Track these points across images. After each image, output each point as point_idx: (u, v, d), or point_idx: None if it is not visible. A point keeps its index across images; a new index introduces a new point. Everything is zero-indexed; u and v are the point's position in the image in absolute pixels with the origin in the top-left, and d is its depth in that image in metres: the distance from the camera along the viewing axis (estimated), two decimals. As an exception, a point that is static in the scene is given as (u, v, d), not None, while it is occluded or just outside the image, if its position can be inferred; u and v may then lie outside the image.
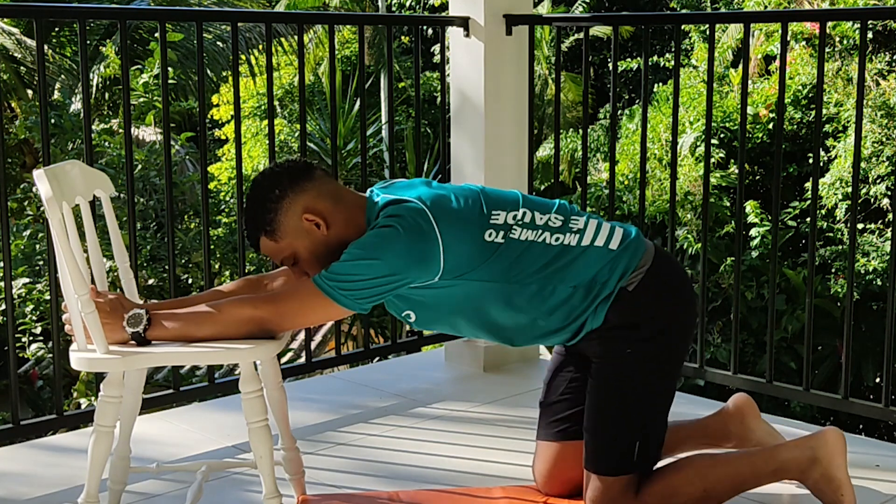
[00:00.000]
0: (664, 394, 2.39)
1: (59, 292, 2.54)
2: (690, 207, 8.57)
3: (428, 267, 2.21)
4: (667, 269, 2.39)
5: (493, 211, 2.31)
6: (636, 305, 2.30)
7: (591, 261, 2.30)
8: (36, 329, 7.22)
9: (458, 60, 3.74)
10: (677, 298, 2.39)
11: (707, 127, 3.38)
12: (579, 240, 2.32)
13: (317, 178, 2.31)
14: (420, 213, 2.22)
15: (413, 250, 2.19)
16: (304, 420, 3.19)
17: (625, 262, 2.32)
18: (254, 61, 11.92)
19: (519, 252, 2.28)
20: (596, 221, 2.37)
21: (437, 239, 2.20)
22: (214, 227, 9.02)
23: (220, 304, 2.22)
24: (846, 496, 2.37)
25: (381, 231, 2.21)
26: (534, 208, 2.35)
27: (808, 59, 8.82)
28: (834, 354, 8.04)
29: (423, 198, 2.27)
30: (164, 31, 3.17)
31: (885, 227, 8.25)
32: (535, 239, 2.30)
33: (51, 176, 2.10)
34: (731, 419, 2.64)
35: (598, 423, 2.36)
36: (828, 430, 2.40)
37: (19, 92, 10.80)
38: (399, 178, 2.53)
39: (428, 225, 2.21)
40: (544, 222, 2.33)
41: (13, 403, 2.91)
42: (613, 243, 2.33)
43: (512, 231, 2.29)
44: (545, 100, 14.39)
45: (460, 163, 3.77)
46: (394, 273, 2.19)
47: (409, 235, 2.19)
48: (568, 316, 2.32)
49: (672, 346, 2.37)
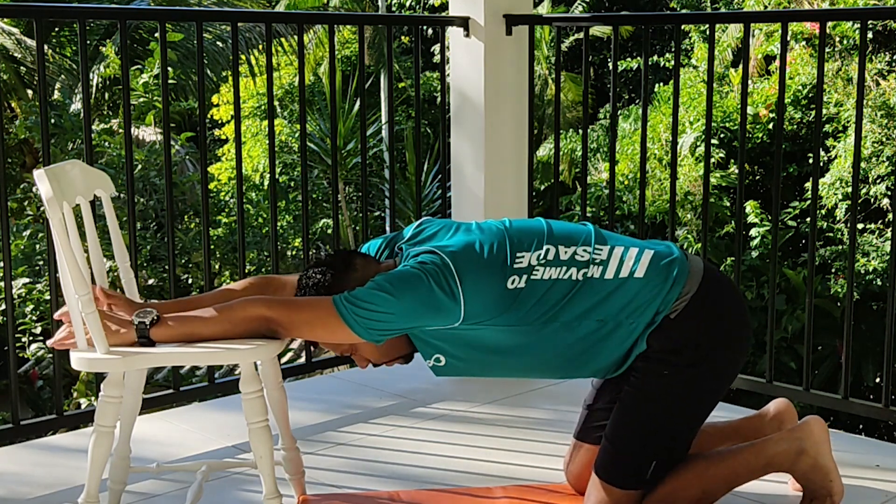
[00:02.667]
0: (696, 418, 2.38)
1: (59, 292, 2.54)
2: (690, 207, 8.57)
3: (445, 315, 2.22)
4: (715, 295, 2.33)
5: (518, 254, 2.28)
6: (678, 333, 2.28)
7: (619, 294, 2.28)
8: (36, 329, 7.22)
9: (458, 60, 3.74)
10: (722, 326, 2.34)
11: (707, 127, 3.38)
12: (603, 272, 2.29)
13: (357, 266, 2.32)
14: (445, 267, 2.22)
15: (431, 299, 2.20)
16: (304, 420, 3.18)
17: (662, 292, 2.28)
18: (254, 61, 11.92)
19: (542, 292, 2.26)
20: (621, 248, 2.32)
21: (459, 294, 2.20)
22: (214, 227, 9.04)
23: (231, 302, 2.23)
24: (835, 482, 2.41)
25: (407, 272, 2.22)
26: (558, 243, 2.32)
27: (808, 59, 8.83)
28: (834, 354, 8.05)
29: (449, 249, 2.26)
30: (164, 31, 3.17)
31: (885, 227, 8.26)
32: (558, 276, 2.27)
33: (51, 176, 2.10)
34: (769, 424, 2.62)
35: (621, 434, 2.34)
36: (811, 421, 2.42)
37: (19, 92, 10.80)
38: (425, 218, 2.51)
39: (452, 279, 2.21)
40: (569, 256, 2.30)
41: (13, 403, 2.91)
42: (639, 271, 2.29)
43: (534, 272, 2.27)
44: (545, 100, 14.37)
45: (460, 163, 3.77)
46: (408, 315, 2.20)
47: (430, 286, 2.19)
48: (601, 349, 2.30)
49: (714, 374, 2.34)
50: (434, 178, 11.96)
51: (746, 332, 2.40)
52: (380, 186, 12.74)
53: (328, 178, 12.15)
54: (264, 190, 12.14)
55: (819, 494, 2.41)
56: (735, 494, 2.51)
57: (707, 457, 2.42)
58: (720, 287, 2.37)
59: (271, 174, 3.40)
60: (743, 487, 2.48)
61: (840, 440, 2.96)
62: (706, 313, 2.31)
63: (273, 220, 3.43)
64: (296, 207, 12.54)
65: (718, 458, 2.41)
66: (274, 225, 3.43)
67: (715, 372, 2.34)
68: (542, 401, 3.40)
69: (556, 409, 3.29)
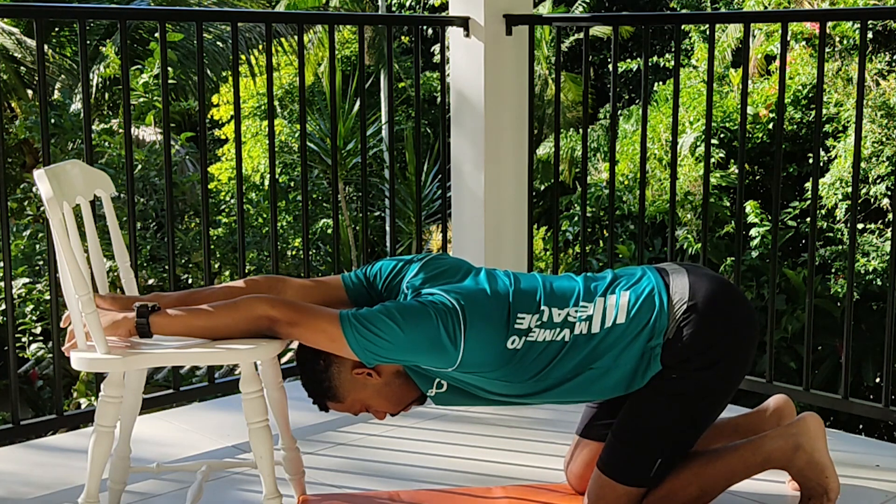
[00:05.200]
0: (703, 419, 2.39)
1: (59, 292, 2.54)
2: (690, 207, 8.57)
3: (442, 357, 2.25)
4: (713, 302, 2.33)
5: (520, 315, 2.31)
6: (683, 345, 2.30)
7: (605, 343, 2.30)
8: (36, 329, 7.23)
9: (458, 60, 3.74)
10: (727, 329, 2.35)
11: (707, 127, 3.38)
12: (589, 327, 2.32)
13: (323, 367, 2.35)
14: (454, 312, 2.24)
15: (436, 339, 2.22)
16: (304, 420, 3.18)
17: (647, 328, 2.30)
18: (254, 61, 11.92)
19: (537, 353, 2.30)
20: (602, 300, 2.35)
21: (461, 341, 2.23)
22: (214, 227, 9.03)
23: (236, 298, 2.25)
24: (831, 479, 2.41)
25: (417, 307, 2.24)
26: (553, 305, 2.34)
27: (808, 59, 8.83)
28: (834, 354, 8.04)
29: (461, 294, 2.28)
30: (164, 31, 3.17)
31: (885, 227, 8.26)
32: (552, 339, 2.31)
33: (51, 176, 2.10)
34: (768, 420, 2.62)
35: (629, 430, 2.36)
36: (807, 417, 2.42)
37: (19, 92, 10.80)
38: (430, 255, 2.49)
39: (458, 325, 2.23)
40: (562, 318, 2.33)
41: (13, 403, 2.91)
42: (620, 317, 2.32)
43: (531, 334, 2.30)
44: (545, 100, 14.38)
45: (460, 163, 3.77)
46: (408, 348, 2.22)
47: (437, 326, 2.22)
48: (596, 387, 2.34)
49: (723, 376, 2.35)
50: (434, 178, 11.96)
51: (752, 332, 2.40)
52: (380, 186, 12.74)
53: (328, 178, 12.14)
54: (264, 190, 12.13)
55: (815, 492, 2.41)
56: (734, 494, 2.52)
57: (704, 455, 2.42)
58: (713, 293, 2.36)
59: (271, 174, 3.40)
60: (741, 487, 2.48)
61: (840, 440, 2.96)
62: (703, 324, 2.31)
63: (273, 220, 3.43)
64: (296, 207, 12.53)
65: (716, 456, 2.42)
66: (274, 225, 3.43)
67: (723, 374, 2.35)
68: (542, 401, 3.40)
69: (557, 409, 3.28)
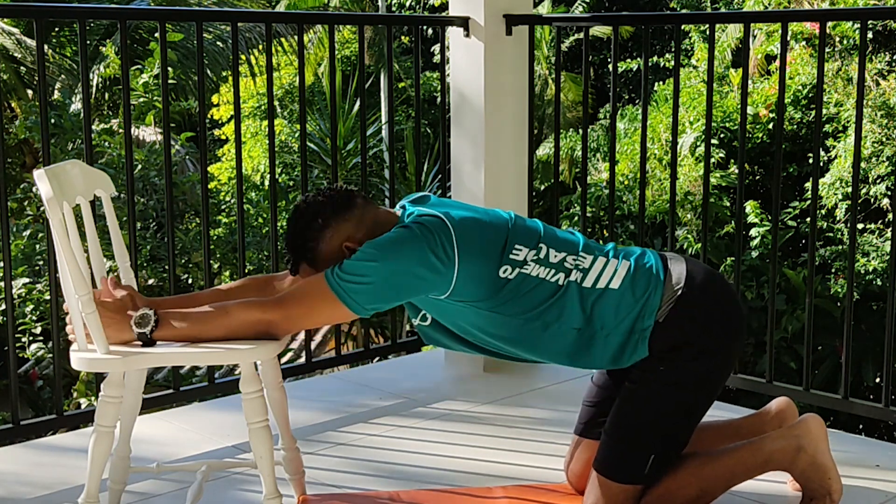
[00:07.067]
0: (694, 412, 2.38)
1: (59, 292, 2.54)
2: (690, 207, 8.57)
3: (436, 281, 2.22)
4: (703, 292, 2.33)
5: (516, 246, 2.30)
6: (672, 332, 2.30)
7: (597, 305, 2.29)
8: (36, 329, 7.22)
9: (458, 60, 3.74)
10: (716, 320, 2.35)
11: (707, 127, 3.38)
12: (583, 279, 2.31)
13: (358, 206, 2.33)
14: (445, 231, 2.22)
15: (427, 257, 2.19)
16: (304, 420, 3.19)
17: (639, 303, 2.29)
18: (254, 61, 11.92)
19: (528, 288, 2.28)
20: (603, 260, 2.34)
21: (455, 261, 2.21)
22: (214, 227, 9.02)
23: (227, 305, 2.21)
24: (833, 480, 2.41)
25: (400, 232, 2.22)
26: (551, 245, 2.34)
27: (808, 59, 8.83)
28: (834, 354, 8.04)
29: (454, 218, 2.27)
30: (164, 31, 3.17)
31: (885, 227, 8.26)
32: (546, 277, 2.29)
33: (51, 176, 2.10)
34: (771, 423, 2.62)
35: (620, 428, 2.35)
36: (809, 418, 2.42)
37: (19, 92, 10.80)
38: (427, 192, 2.52)
39: (450, 245, 2.21)
40: (559, 261, 2.32)
41: (13, 403, 2.91)
42: (615, 283, 2.31)
43: (526, 267, 2.29)
44: (545, 100, 14.38)
45: (460, 163, 3.77)
46: (403, 273, 2.19)
47: (426, 242, 2.20)
48: (587, 352, 2.33)
49: (711, 367, 2.34)
50: (434, 178, 11.96)
51: (742, 325, 2.40)
52: (380, 186, 12.73)
53: (328, 178, 12.14)
54: (264, 190, 12.12)
55: (818, 493, 2.41)
56: (734, 494, 2.51)
57: (705, 455, 2.42)
58: (708, 282, 2.37)
59: (271, 174, 3.40)
60: (742, 487, 2.48)
61: (840, 440, 2.96)
62: (697, 311, 2.32)
63: (273, 220, 3.44)
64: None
65: (716, 457, 2.41)
66: (274, 225, 3.43)
67: (712, 365, 2.35)
68: (542, 401, 3.40)
69: (556, 409, 3.29)
